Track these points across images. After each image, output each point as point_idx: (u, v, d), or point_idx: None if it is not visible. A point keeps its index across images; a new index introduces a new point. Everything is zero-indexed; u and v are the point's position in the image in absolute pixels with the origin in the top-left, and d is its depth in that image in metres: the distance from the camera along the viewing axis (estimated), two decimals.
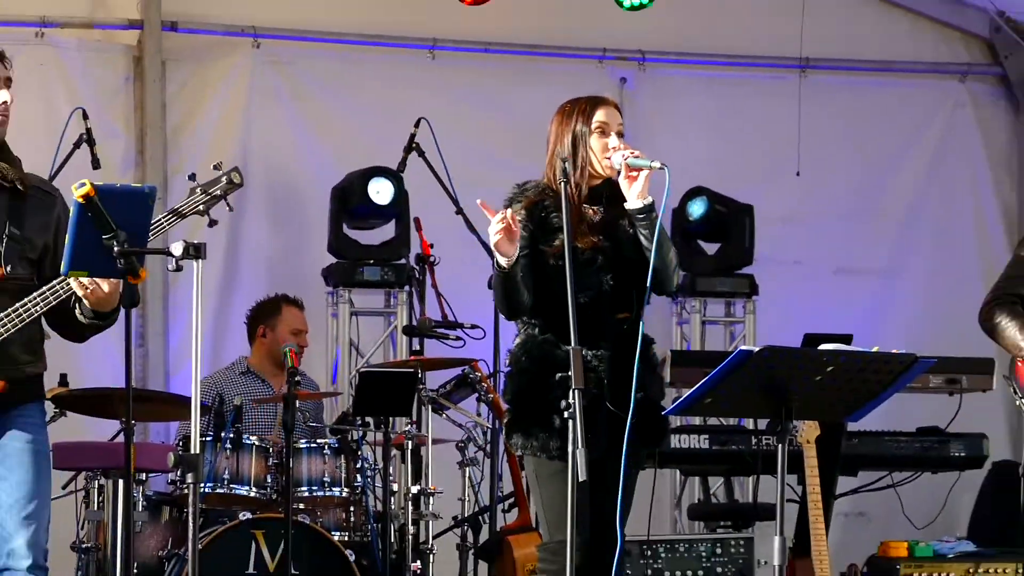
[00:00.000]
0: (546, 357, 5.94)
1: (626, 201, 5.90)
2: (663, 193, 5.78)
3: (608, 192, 5.97)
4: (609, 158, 5.89)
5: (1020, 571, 7.78)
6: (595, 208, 5.99)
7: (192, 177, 6.04)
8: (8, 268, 5.72)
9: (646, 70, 10.53)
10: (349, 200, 9.65)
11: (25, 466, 5.79)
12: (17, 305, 5.66)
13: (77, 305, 5.72)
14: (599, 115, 5.97)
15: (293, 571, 7.59)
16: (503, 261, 5.72)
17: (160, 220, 5.84)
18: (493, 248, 5.72)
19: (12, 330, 5.66)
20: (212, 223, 5.96)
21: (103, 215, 5.45)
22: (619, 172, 5.87)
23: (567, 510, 5.67)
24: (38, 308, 5.69)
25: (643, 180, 5.86)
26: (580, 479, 5.51)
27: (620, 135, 5.96)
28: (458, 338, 8.66)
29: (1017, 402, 7.22)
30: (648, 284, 5.83)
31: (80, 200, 5.43)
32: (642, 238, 5.89)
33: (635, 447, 5.83)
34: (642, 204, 5.86)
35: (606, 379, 5.83)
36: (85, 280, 5.52)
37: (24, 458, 5.79)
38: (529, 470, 6.11)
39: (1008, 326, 7.11)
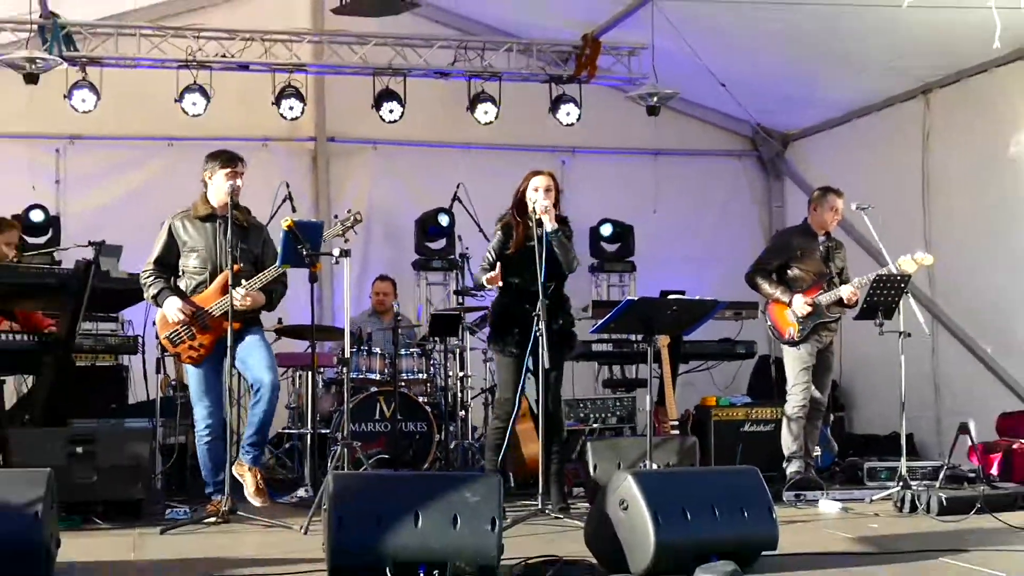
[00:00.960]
0: (505, 310, 6.07)
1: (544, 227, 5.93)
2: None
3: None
4: (535, 203, 5.94)
5: (775, 411, 7.75)
6: (537, 230, 6.02)
7: (335, 216, 6.15)
8: (242, 265, 5.82)
9: (576, 157, 10.50)
10: (425, 225, 9.67)
11: (261, 347, 5.89)
12: (245, 284, 5.77)
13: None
14: (535, 180, 6.01)
15: (398, 417, 7.67)
16: (486, 283, 5.84)
17: (324, 237, 5.93)
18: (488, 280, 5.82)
19: None
20: (346, 240, 6.07)
21: (298, 236, 5.57)
22: (541, 211, 5.90)
23: (510, 384, 5.92)
24: (256, 285, 5.79)
25: (551, 215, 5.89)
26: (545, 367, 5.59)
27: (548, 190, 5.97)
28: (482, 295, 8.72)
29: (767, 325, 7.33)
30: (562, 269, 5.97)
31: (286, 228, 5.56)
32: (555, 247, 5.92)
33: (558, 353, 5.97)
34: (552, 228, 5.88)
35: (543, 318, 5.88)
36: (253, 292, 5.75)
37: (259, 343, 5.90)
38: (496, 361, 6.19)
39: (764, 283, 7.21)
